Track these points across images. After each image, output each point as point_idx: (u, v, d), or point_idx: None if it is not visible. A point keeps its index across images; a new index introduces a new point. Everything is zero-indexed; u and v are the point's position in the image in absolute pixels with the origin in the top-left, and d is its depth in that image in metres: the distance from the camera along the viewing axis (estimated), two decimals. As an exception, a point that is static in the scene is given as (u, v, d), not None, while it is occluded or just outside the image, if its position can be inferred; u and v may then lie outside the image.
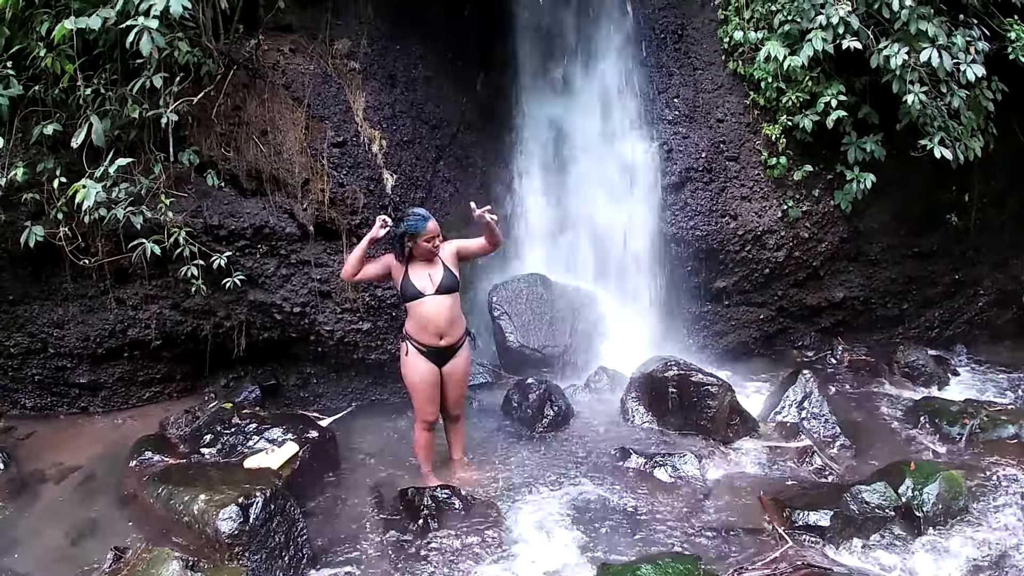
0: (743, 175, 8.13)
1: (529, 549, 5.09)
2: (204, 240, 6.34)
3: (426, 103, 7.45)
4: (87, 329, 6.70)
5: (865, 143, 7.71)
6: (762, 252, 8.24)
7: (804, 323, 8.95)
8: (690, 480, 5.94)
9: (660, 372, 6.82)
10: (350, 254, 5.69)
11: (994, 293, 9.32)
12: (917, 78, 7.03)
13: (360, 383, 7.35)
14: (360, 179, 6.65)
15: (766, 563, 4.90)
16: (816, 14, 7.22)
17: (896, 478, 5.52)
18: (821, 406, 6.79)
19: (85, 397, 7.03)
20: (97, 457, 6.36)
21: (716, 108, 8.18)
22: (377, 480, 6.01)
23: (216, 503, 4.93)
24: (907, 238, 8.68)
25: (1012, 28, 7.32)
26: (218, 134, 6.40)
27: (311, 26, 6.90)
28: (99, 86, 5.90)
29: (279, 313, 6.75)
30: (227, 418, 6.27)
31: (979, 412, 6.81)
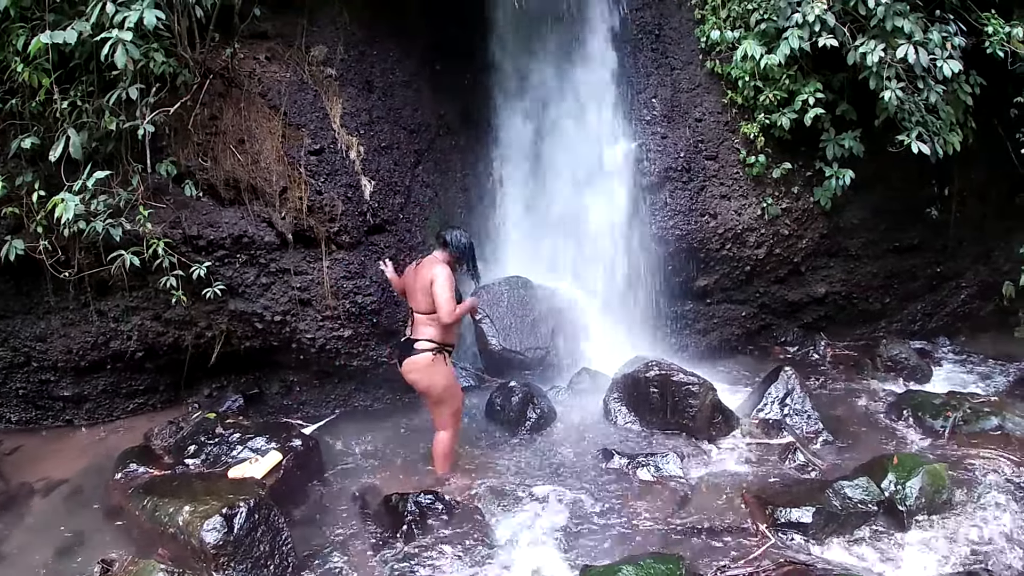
0: (722, 174, 8.17)
1: (513, 552, 5.10)
2: (183, 251, 6.33)
3: (404, 108, 7.45)
4: (69, 342, 6.68)
5: (843, 140, 7.75)
6: (743, 250, 8.27)
7: (786, 319, 8.99)
8: (673, 479, 5.97)
9: (642, 372, 6.84)
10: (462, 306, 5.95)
11: (976, 285, 9.38)
12: (894, 74, 7.06)
13: (343, 390, 7.35)
14: (338, 186, 6.64)
15: (749, 561, 4.93)
16: (792, 12, 7.24)
17: (879, 472, 5.56)
18: (803, 402, 6.83)
19: (69, 410, 7.01)
20: (83, 470, 6.34)
21: (694, 107, 8.21)
22: (361, 487, 6.01)
23: (200, 514, 4.93)
24: (888, 233, 8.73)
25: (989, 22, 7.35)
26: (195, 144, 6.38)
27: (287, 33, 6.90)
28: (76, 99, 5.89)
29: (260, 322, 6.74)
30: (211, 428, 6.27)
31: (962, 404, 6.86)
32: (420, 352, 5.89)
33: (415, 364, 5.91)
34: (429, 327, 5.90)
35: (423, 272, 5.87)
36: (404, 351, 6.00)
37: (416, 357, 5.90)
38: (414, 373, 5.95)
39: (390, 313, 7.01)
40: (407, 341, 6.02)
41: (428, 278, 5.79)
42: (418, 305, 5.92)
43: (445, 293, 5.73)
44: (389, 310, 6.99)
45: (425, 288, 5.81)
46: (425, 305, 5.86)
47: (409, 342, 5.98)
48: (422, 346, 5.89)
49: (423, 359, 5.89)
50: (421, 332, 5.92)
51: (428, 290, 5.78)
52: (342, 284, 6.73)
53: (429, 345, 5.89)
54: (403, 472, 6.26)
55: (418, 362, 5.90)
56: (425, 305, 5.86)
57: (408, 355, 5.94)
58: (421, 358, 5.89)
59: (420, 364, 5.90)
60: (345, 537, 5.39)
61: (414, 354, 5.91)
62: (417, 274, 5.94)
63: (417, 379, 5.97)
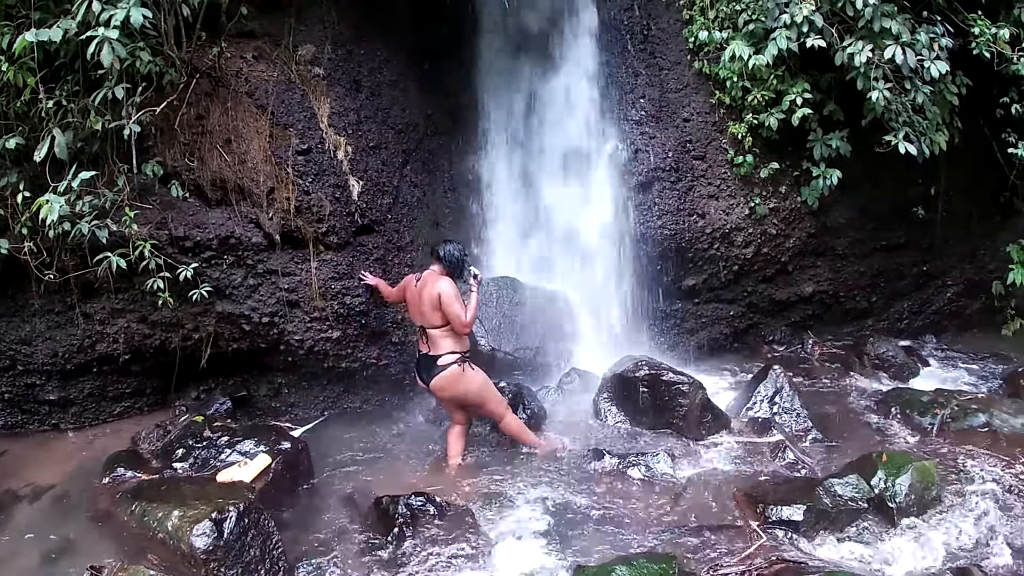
0: (710, 174, 8.19)
1: (504, 553, 5.09)
2: (170, 252, 6.28)
3: (392, 107, 7.42)
4: (55, 345, 6.61)
5: (831, 140, 7.79)
6: (731, 249, 8.29)
7: (774, 318, 9.02)
8: (663, 479, 5.98)
9: (631, 372, 6.84)
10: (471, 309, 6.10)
11: (962, 283, 9.46)
12: (881, 75, 7.10)
13: (332, 392, 7.30)
14: (326, 186, 6.61)
15: (741, 559, 4.95)
16: (780, 13, 7.27)
17: (868, 470, 5.59)
18: (792, 400, 6.87)
19: (56, 414, 6.93)
20: (70, 475, 6.28)
21: (682, 108, 8.23)
22: (352, 489, 5.98)
23: (190, 519, 4.89)
24: (875, 232, 8.78)
25: (976, 23, 7.41)
26: (182, 144, 6.33)
27: (274, 32, 6.86)
28: (61, 98, 5.83)
29: (247, 324, 6.69)
30: (199, 431, 6.23)
31: (949, 402, 6.92)
32: (447, 367, 6.05)
33: (447, 380, 6.07)
34: (447, 339, 6.07)
35: (427, 289, 6.06)
36: (428, 370, 6.12)
37: (445, 374, 6.06)
38: (448, 390, 6.12)
39: (378, 314, 6.98)
40: (427, 358, 6.11)
41: (435, 294, 5.98)
42: (430, 321, 6.07)
43: (455, 305, 5.96)
44: (377, 311, 6.97)
45: (434, 304, 6.00)
46: (438, 320, 6.03)
47: (430, 359, 6.10)
48: (446, 360, 6.06)
49: (453, 373, 6.06)
50: (441, 346, 6.07)
51: (437, 305, 5.99)
52: (330, 285, 6.70)
53: (453, 357, 6.04)
54: (393, 474, 6.23)
55: (448, 377, 6.07)
56: (438, 320, 6.03)
57: (434, 373, 6.07)
58: (451, 373, 6.06)
59: (452, 378, 6.07)
60: (336, 540, 5.36)
61: (440, 371, 6.06)
62: (421, 292, 6.11)
63: (453, 394, 6.16)
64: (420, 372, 6.25)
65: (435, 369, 6.07)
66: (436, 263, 6.19)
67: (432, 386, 6.14)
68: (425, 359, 6.16)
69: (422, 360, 6.21)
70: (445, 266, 6.15)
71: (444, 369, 6.05)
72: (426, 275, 6.20)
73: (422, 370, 6.21)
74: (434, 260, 6.23)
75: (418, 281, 6.20)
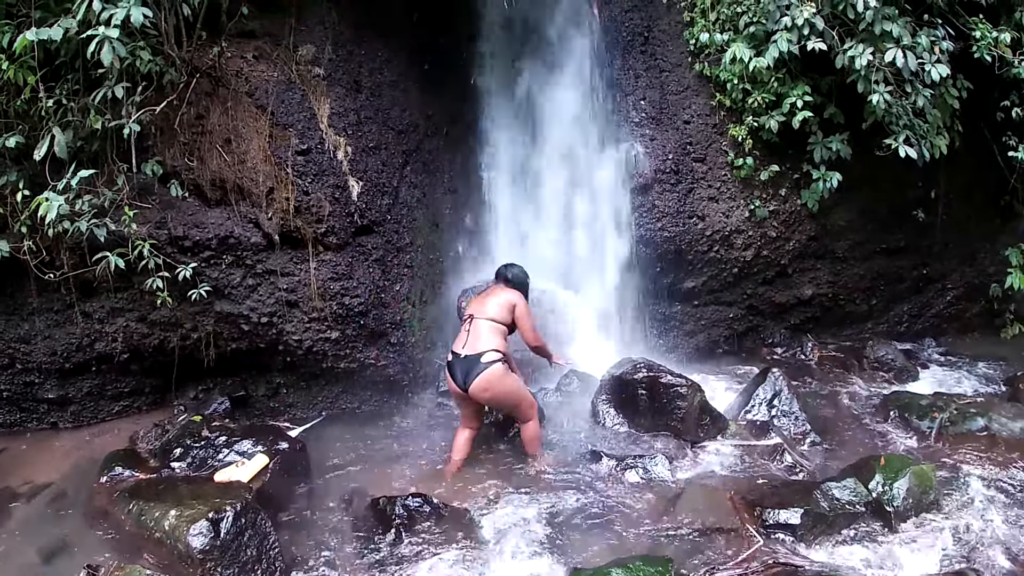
0: (710, 176, 8.19)
1: (501, 555, 5.09)
2: (169, 251, 6.27)
3: (392, 108, 7.41)
4: (54, 344, 6.61)
5: (831, 142, 7.78)
6: (730, 252, 8.29)
7: (774, 321, 9.02)
8: (661, 481, 5.98)
9: (630, 374, 6.83)
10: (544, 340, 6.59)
11: (962, 287, 9.46)
12: (882, 78, 7.09)
13: (330, 392, 7.29)
14: (325, 187, 6.60)
15: (738, 563, 4.93)
16: (781, 15, 7.26)
17: (866, 473, 5.59)
18: (791, 403, 6.86)
19: (54, 412, 6.93)
20: (68, 473, 6.28)
21: (683, 110, 8.23)
22: (349, 490, 5.96)
23: (186, 518, 4.89)
24: (874, 235, 8.78)
25: (977, 27, 7.41)
26: (181, 144, 6.32)
27: (275, 32, 6.85)
28: (61, 97, 5.82)
29: (246, 323, 6.69)
30: (197, 431, 6.22)
31: (948, 405, 6.91)
32: (491, 364, 5.96)
33: (490, 380, 5.95)
34: (495, 337, 6.08)
35: (501, 293, 6.33)
36: (469, 370, 5.99)
37: (488, 373, 5.94)
38: (491, 390, 6.00)
39: (377, 315, 6.98)
40: (467, 359, 6.02)
41: (511, 299, 6.26)
42: (489, 314, 6.17)
43: (529, 317, 6.36)
44: (376, 312, 6.96)
45: (503, 304, 6.22)
46: (500, 316, 6.17)
47: (471, 359, 6.00)
48: (491, 357, 5.98)
49: (497, 372, 5.98)
50: (486, 341, 6.03)
51: (507, 306, 6.21)
52: (329, 285, 6.69)
53: (497, 356, 5.99)
54: (391, 475, 6.22)
55: (492, 377, 5.96)
56: (500, 316, 6.17)
57: (477, 372, 5.95)
58: (495, 371, 5.97)
59: (495, 377, 5.97)
60: (333, 541, 5.35)
61: (484, 368, 5.94)
62: (490, 294, 6.38)
63: (494, 394, 6.05)
64: (455, 374, 6.07)
65: (478, 367, 5.92)
66: (504, 284, 6.47)
67: (474, 386, 5.94)
68: (464, 360, 6.02)
69: (458, 362, 6.06)
70: (515, 287, 6.44)
71: (488, 367, 5.93)
72: (495, 286, 6.48)
73: (458, 371, 6.04)
74: (500, 282, 6.51)
75: (487, 290, 6.55)
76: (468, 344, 6.05)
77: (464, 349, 6.06)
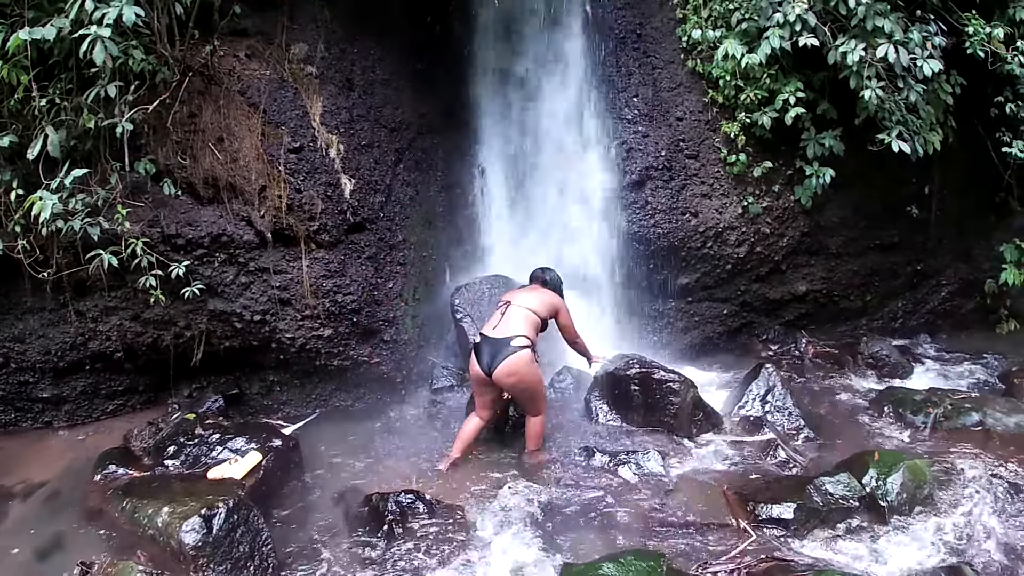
0: (703, 172, 8.18)
1: (494, 551, 5.09)
2: (162, 250, 6.29)
3: (385, 106, 7.42)
4: (48, 343, 6.63)
5: (824, 138, 7.78)
6: (724, 248, 8.29)
7: (767, 317, 9.01)
8: (654, 477, 5.98)
9: (623, 370, 6.83)
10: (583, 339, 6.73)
11: (956, 283, 9.45)
12: (874, 73, 7.08)
13: (324, 390, 7.28)
14: (318, 184, 6.61)
15: (731, 557, 4.95)
16: (773, 12, 7.25)
17: (860, 468, 5.60)
18: (784, 399, 6.86)
19: (49, 411, 6.94)
20: (62, 472, 6.29)
21: (675, 106, 8.22)
22: (342, 487, 5.99)
23: (179, 515, 4.91)
24: (868, 231, 8.77)
25: (970, 23, 7.40)
26: (174, 142, 6.33)
27: (267, 30, 6.86)
28: (54, 96, 5.85)
29: (239, 321, 6.69)
30: (190, 429, 6.24)
31: (943, 401, 6.93)
32: (520, 349, 5.94)
33: (518, 365, 5.93)
34: (528, 325, 6.10)
35: (542, 293, 6.45)
36: (496, 352, 5.96)
37: (516, 357, 5.92)
38: (516, 374, 5.96)
39: (370, 312, 6.98)
40: (496, 341, 6.01)
41: (554, 302, 6.40)
42: (528, 304, 6.23)
43: (570, 317, 6.51)
44: (369, 309, 6.97)
45: (546, 302, 6.33)
46: (538, 308, 6.24)
47: (500, 341, 5.98)
48: (520, 342, 5.97)
49: (525, 358, 5.96)
50: (517, 326, 6.04)
51: (549, 305, 6.33)
52: (322, 283, 6.69)
53: (526, 341, 6.00)
54: (384, 472, 6.23)
55: (519, 361, 5.93)
56: (538, 308, 6.24)
57: (505, 354, 5.92)
58: (523, 357, 5.94)
59: (523, 363, 5.95)
60: (326, 537, 5.36)
61: (513, 352, 5.92)
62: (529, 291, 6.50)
63: (518, 380, 5.99)
64: (481, 356, 6.02)
65: (507, 350, 5.89)
66: (539, 285, 6.58)
67: (500, 370, 5.89)
68: (493, 342, 5.99)
69: (487, 344, 6.03)
70: (552, 288, 6.58)
71: (516, 352, 5.90)
72: (531, 287, 6.60)
73: (485, 353, 6.00)
74: (536, 284, 6.61)
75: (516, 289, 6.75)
76: (499, 327, 6.06)
77: (494, 332, 6.06)
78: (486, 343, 6.05)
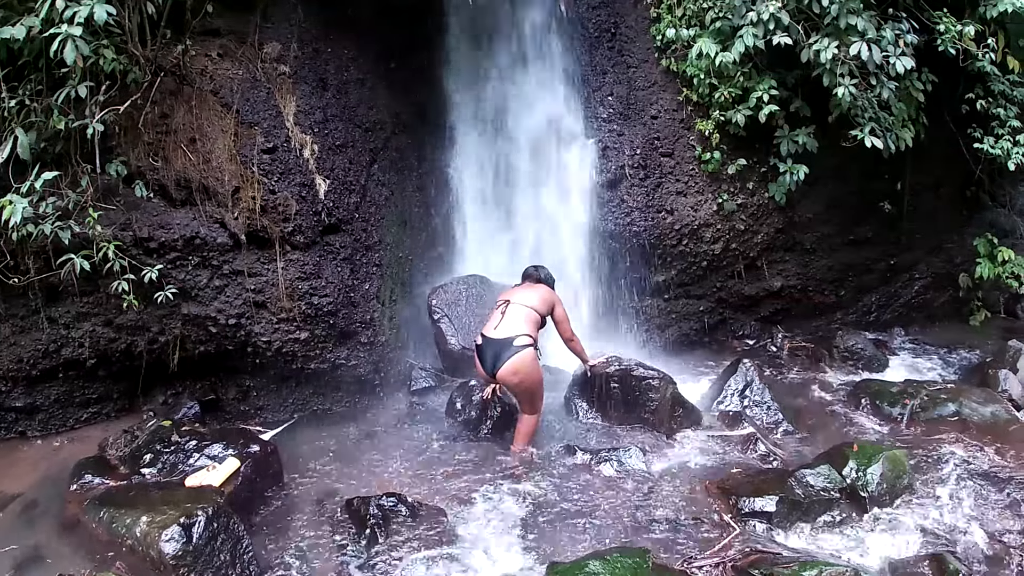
0: (678, 170, 8.22)
1: (478, 552, 5.06)
2: (134, 253, 6.18)
3: (359, 106, 7.37)
4: (20, 350, 6.47)
5: (797, 136, 7.83)
6: (699, 245, 8.33)
7: (744, 313, 9.08)
8: (636, 473, 5.98)
9: (602, 368, 6.85)
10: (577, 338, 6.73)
11: (929, 277, 9.58)
12: (847, 71, 7.14)
13: (301, 394, 7.21)
14: (292, 185, 6.55)
15: (715, 551, 4.96)
16: (747, 10, 7.30)
17: (840, 460, 5.64)
18: (763, 393, 6.91)
19: (22, 421, 6.77)
20: (38, 482, 6.15)
21: (650, 105, 8.26)
22: (322, 492, 5.92)
23: (158, 524, 4.82)
24: (842, 227, 8.86)
25: (941, 21, 7.48)
26: (146, 143, 6.24)
27: (240, 30, 6.79)
28: (24, 97, 5.72)
29: (214, 325, 6.61)
30: (166, 436, 6.12)
31: (919, 392, 7.02)
32: (522, 348, 6.00)
33: (521, 363, 6.00)
34: (529, 323, 6.16)
35: (540, 289, 6.49)
36: (500, 353, 6.02)
37: (520, 356, 5.99)
38: (520, 373, 6.04)
39: (347, 314, 6.93)
40: (498, 341, 6.06)
41: (551, 298, 6.44)
42: (526, 301, 6.29)
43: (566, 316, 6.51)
44: (346, 311, 6.92)
45: (543, 298, 6.37)
46: (537, 305, 6.29)
47: (502, 342, 6.04)
48: (522, 341, 6.03)
49: (528, 357, 6.03)
50: (518, 325, 6.10)
51: (547, 301, 6.37)
52: (297, 285, 6.63)
53: (528, 340, 6.06)
54: (364, 475, 6.17)
55: (523, 360, 6.00)
56: (537, 305, 6.29)
57: (508, 355, 5.98)
58: (526, 356, 6.01)
59: (526, 361, 6.02)
60: (307, 543, 5.29)
61: (516, 352, 5.98)
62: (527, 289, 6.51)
63: (522, 379, 6.07)
64: (483, 359, 6.11)
65: (510, 350, 5.97)
66: (531, 282, 6.61)
67: (504, 370, 5.99)
68: (495, 343, 6.06)
69: (489, 345, 6.09)
70: (547, 284, 6.64)
71: (518, 352, 5.98)
72: (525, 284, 6.61)
73: (487, 354, 6.08)
74: (530, 281, 6.63)
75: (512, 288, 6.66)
76: (501, 327, 6.11)
77: (496, 332, 6.10)
78: (488, 344, 6.10)
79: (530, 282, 6.61)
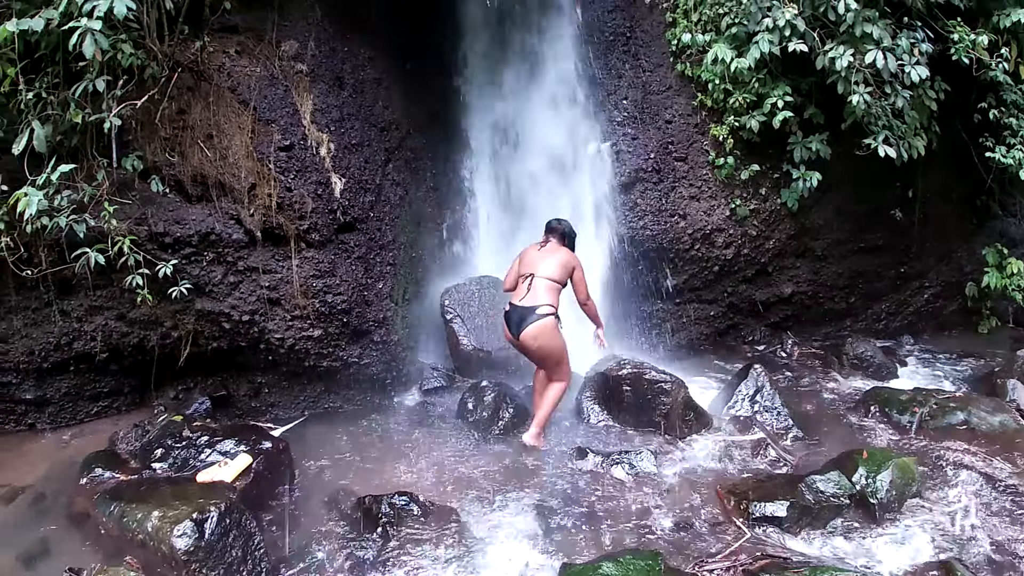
0: (691, 175, 8.23)
1: (490, 552, 5.06)
2: (149, 248, 6.18)
3: (374, 106, 7.38)
4: (32, 343, 6.47)
5: (811, 142, 7.84)
6: (711, 250, 8.34)
7: (754, 318, 9.08)
8: (647, 477, 5.98)
9: (614, 371, 6.87)
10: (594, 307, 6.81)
11: (939, 285, 9.57)
12: (862, 79, 7.17)
13: (313, 391, 7.21)
14: (308, 183, 6.55)
15: (726, 555, 4.96)
16: (763, 17, 7.31)
17: (849, 467, 5.64)
18: (773, 399, 6.91)
19: (32, 414, 6.78)
20: (47, 476, 6.14)
21: (664, 109, 8.27)
22: (334, 489, 5.90)
23: (170, 519, 4.81)
24: (853, 233, 8.86)
25: (955, 30, 7.52)
26: (162, 139, 6.25)
27: (257, 27, 6.79)
28: (41, 90, 5.72)
29: (227, 322, 6.60)
30: (178, 431, 6.12)
31: (928, 400, 7.00)
32: (544, 317, 6.33)
33: (541, 329, 6.32)
34: (551, 294, 6.43)
35: (561, 254, 6.59)
36: (522, 319, 6.36)
37: (540, 323, 6.32)
38: (541, 339, 6.35)
39: (360, 312, 6.93)
40: (523, 309, 6.38)
41: (571, 262, 6.57)
42: (547, 272, 6.47)
43: (585, 281, 6.67)
44: (359, 310, 6.91)
45: (562, 263, 6.51)
46: (557, 275, 6.48)
47: (526, 309, 6.37)
48: (545, 311, 6.34)
49: (548, 323, 6.35)
50: (542, 297, 6.39)
51: (566, 267, 6.51)
52: (311, 283, 6.63)
53: (551, 310, 6.36)
54: (376, 473, 6.16)
55: (542, 327, 6.32)
56: (557, 275, 6.48)
57: (529, 321, 6.33)
58: (547, 323, 6.34)
59: (547, 328, 6.34)
60: (319, 540, 5.28)
61: (537, 320, 6.32)
62: (547, 254, 6.60)
63: (542, 344, 6.37)
64: (510, 323, 6.46)
65: (531, 317, 6.31)
66: (554, 236, 6.73)
67: (525, 333, 6.33)
68: (520, 309, 6.39)
69: (515, 311, 6.43)
70: (566, 237, 6.78)
71: (540, 319, 6.30)
72: (551, 244, 6.69)
73: (512, 321, 6.43)
74: (552, 235, 6.75)
75: (541, 247, 6.68)
76: (527, 298, 6.42)
77: (522, 302, 6.43)
78: (514, 310, 6.46)
79: (553, 237, 6.74)
